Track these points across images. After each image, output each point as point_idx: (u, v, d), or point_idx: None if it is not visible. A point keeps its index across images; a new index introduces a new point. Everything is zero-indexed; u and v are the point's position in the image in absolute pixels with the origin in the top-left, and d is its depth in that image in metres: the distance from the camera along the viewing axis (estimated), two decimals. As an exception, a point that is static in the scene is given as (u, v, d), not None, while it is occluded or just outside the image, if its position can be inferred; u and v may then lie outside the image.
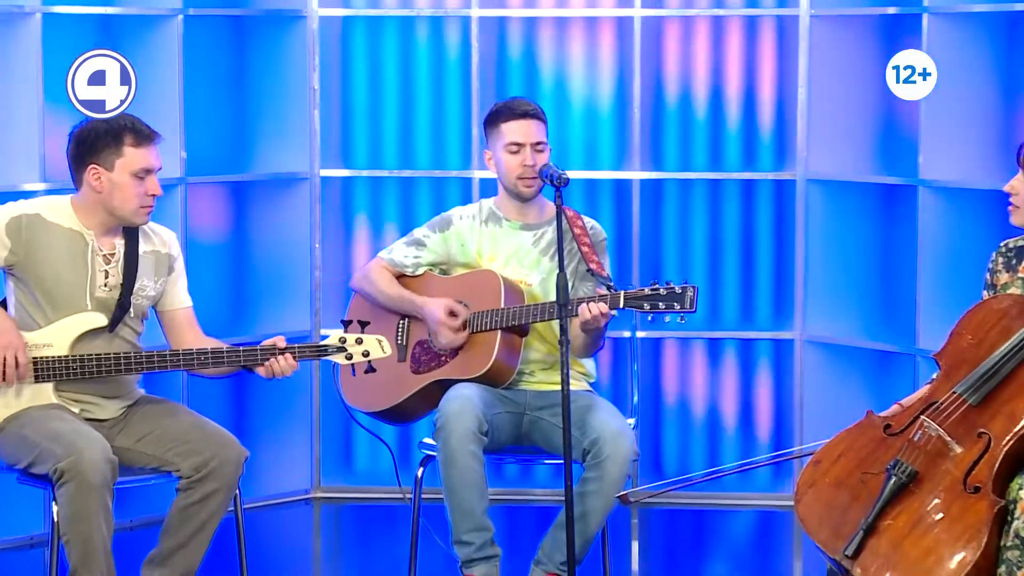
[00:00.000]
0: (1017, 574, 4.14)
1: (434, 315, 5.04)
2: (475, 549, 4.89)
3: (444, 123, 6.48)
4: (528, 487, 6.43)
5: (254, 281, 6.44)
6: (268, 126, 6.41)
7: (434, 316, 5.04)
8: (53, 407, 4.70)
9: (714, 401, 6.48)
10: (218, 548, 4.82)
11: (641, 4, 6.28)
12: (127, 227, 4.78)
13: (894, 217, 6.20)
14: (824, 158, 6.27)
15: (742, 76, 6.40)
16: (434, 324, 5.05)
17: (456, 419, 4.83)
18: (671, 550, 6.00)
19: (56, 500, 4.54)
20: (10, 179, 5.71)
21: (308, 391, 6.43)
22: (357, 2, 6.44)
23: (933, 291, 5.95)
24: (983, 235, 5.73)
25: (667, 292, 4.81)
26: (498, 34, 6.40)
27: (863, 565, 4.23)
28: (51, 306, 4.73)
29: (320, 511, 6.38)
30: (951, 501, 4.21)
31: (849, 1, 6.22)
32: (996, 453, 4.21)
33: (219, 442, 4.73)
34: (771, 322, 6.46)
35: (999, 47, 5.90)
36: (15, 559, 5.70)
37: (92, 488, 4.50)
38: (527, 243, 5.13)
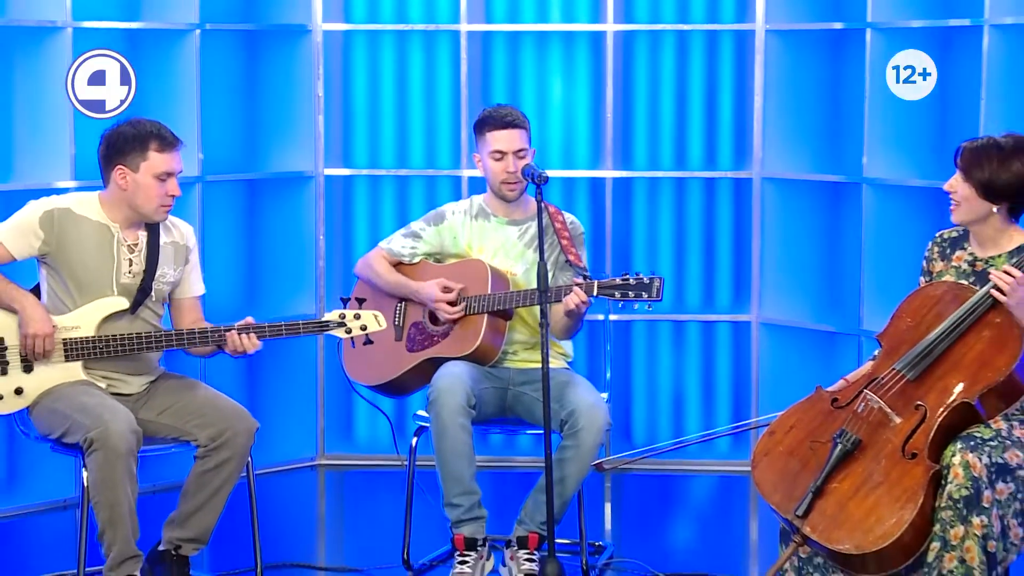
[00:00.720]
0: (950, 532, 4.15)
1: (430, 294, 5.03)
2: (464, 511, 4.89)
3: (436, 127, 6.47)
4: (511, 455, 6.42)
5: (265, 268, 6.43)
6: (277, 129, 6.39)
7: (430, 295, 5.03)
8: (82, 383, 4.70)
9: (679, 377, 6.48)
10: (232, 510, 4.80)
11: (613, 20, 6.28)
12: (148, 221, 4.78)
13: (840, 212, 6.20)
14: (778, 158, 6.28)
15: (704, 84, 6.40)
16: (431, 302, 5.04)
17: (447, 393, 4.83)
18: (640, 511, 6.00)
19: (86, 467, 4.53)
20: (45, 177, 5.70)
21: (313, 368, 6.43)
22: (357, 18, 6.43)
23: (875, 278, 5.97)
24: (920, 227, 5.74)
25: (636, 282, 4.81)
26: (484, 47, 6.39)
27: (812, 524, 4.23)
28: (79, 291, 4.72)
29: (324, 477, 6.37)
30: (891, 466, 4.22)
31: (800, 17, 6.22)
32: (931, 423, 4.21)
33: (233, 415, 4.73)
34: (730, 306, 6.46)
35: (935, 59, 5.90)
36: (49, 520, 5.69)
37: (119, 456, 4.49)
38: (513, 237, 5.12)
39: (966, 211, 4.40)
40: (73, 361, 4.69)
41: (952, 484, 4.15)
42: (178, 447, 4.78)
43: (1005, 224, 4.41)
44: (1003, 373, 4.20)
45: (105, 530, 4.54)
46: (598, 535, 5.46)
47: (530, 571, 4.83)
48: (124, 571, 4.56)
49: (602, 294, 4.82)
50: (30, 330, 4.63)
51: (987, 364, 4.23)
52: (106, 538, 4.55)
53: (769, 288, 6.33)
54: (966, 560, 4.14)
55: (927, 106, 5.93)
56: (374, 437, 6.49)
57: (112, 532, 4.54)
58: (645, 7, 6.37)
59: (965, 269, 4.48)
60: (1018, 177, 4.34)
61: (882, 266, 5.95)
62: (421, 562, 5.14)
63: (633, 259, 6.39)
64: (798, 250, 6.32)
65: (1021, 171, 4.33)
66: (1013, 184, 4.34)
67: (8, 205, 5.27)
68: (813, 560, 4.42)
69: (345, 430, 6.54)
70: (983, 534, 4.14)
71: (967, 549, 4.14)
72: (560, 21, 6.39)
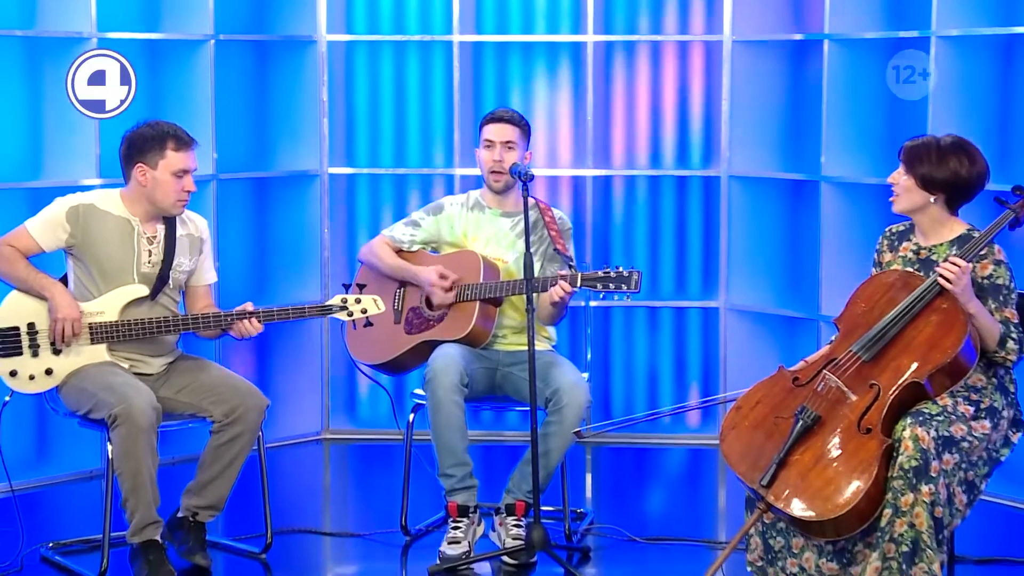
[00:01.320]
0: (901, 499, 4.16)
1: (428, 278, 5.03)
2: (457, 480, 4.89)
3: (431, 129, 6.46)
4: (500, 429, 6.42)
5: (274, 258, 6.42)
6: (285, 131, 6.38)
7: (428, 279, 5.03)
8: (107, 364, 4.70)
9: (653, 358, 6.48)
10: (244, 481, 4.82)
11: (593, 31, 6.27)
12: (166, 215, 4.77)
13: (800, 207, 6.20)
14: (743, 158, 6.28)
15: (676, 90, 6.40)
16: (427, 286, 5.04)
17: (442, 373, 4.83)
18: (618, 480, 6.01)
19: (110, 441, 4.54)
20: (71, 175, 5.68)
21: (319, 350, 6.42)
22: (359, 29, 6.42)
23: (832, 267, 5.97)
24: (872, 222, 5.73)
25: (617, 275, 4.80)
26: (475, 56, 6.38)
27: (775, 492, 4.24)
28: (103, 280, 4.72)
29: (329, 450, 6.37)
30: (847, 440, 4.22)
31: (763, 29, 6.22)
32: (884, 400, 4.22)
33: (245, 392, 4.73)
34: (700, 293, 6.46)
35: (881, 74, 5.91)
36: (77, 489, 5.69)
37: (140, 431, 4.50)
38: (505, 228, 5.12)
39: (906, 200, 4.42)
40: (98, 344, 4.70)
41: (903, 456, 4.16)
42: (195, 422, 4.79)
43: (944, 215, 4.42)
44: (950, 355, 4.21)
45: (128, 498, 4.55)
46: (579, 503, 5.47)
47: (517, 536, 4.83)
48: (146, 536, 4.58)
49: (585, 285, 4.83)
50: (59, 315, 4.63)
51: (936, 346, 4.24)
52: (129, 506, 4.56)
53: (736, 277, 6.33)
54: (915, 525, 4.15)
55: (879, 110, 5.94)
56: (375, 413, 6.49)
57: (135, 500, 4.55)
58: (622, 20, 6.36)
59: (911, 258, 4.49)
60: (953, 173, 4.37)
61: (838, 256, 5.95)
62: (418, 528, 5.14)
63: (612, 250, 6.39)
64: (762, 242, 6.32)
65: (956, 168, 4.36)
66: (949, 179, 4.37)
67: (38, 201, 5.27)
68: (776, 525, 4.43)
69: (348, 407, 6.54)
70: (931, 501, 4.14)
71: (916, 515, 4.15)
72: (544, 32, 6.38)
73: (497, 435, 6.39)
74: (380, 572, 4.89)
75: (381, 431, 6.39)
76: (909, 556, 4.16)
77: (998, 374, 4.37)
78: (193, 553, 4.71)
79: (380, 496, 5.65)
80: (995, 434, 4.30)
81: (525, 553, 4.75)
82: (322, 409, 6.47)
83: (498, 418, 6.41)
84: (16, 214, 5.18)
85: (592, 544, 5.02)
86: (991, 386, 4.35)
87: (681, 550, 4.97)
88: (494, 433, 6.39)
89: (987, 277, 4.34)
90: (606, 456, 6.24)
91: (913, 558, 4.16)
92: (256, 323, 4.71)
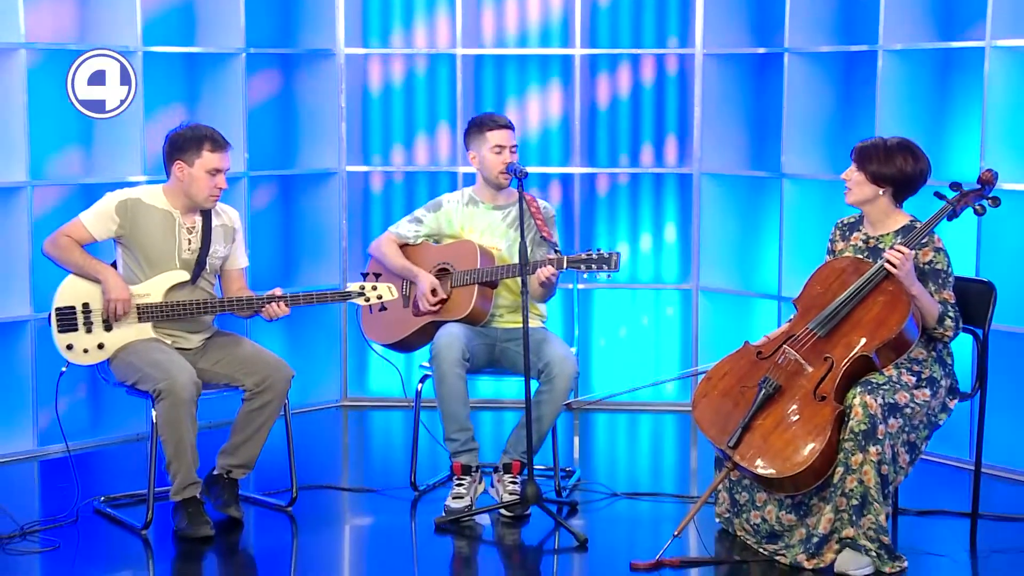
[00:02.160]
0: (851, 459, 4.17)
1: (421, 288, 5.02)
2: (460, 444, 4.90)
3: (436, 132, 6.45)
4: (498, 398, 6.42)
5: (298, 246, 6.42)
6: (308, 133, 6.37)
7: (421, 289, 5.02)
8: (152, 340, 4.70)
9: (634, 334, 6.49)
10: (272, 442, 4.82)
11: (580, 45, 6.27)
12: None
13: (764, 200, 6.20)
14: (713, 157, 6.27)
15: (654, 97, 6.39)
16: (419, 293, 5.02)
17: (446, 349, 4.83)
18: (603, 443, 6.02)
19: (155, 411, 4.54)
20: (120, 173, 5.69)
21: (338, 328, 6.42)
22: (373, 44, 6.41)
23: (791, 254, 5.97)
24: (826, 214, 5.72)
25: (599, 256, 4.79)
26: (476, 67, 6.37)
27: (741, 453, 4.26)
28: (148, 266, 4.72)
29: (347, 416, 6.37)
30: (804, 407, 4.24)
31: (731, 44, 6.21)
32: (837, 371, 4.24)
33: (273, 364, 4.73)
34: (676, 277, 6.46)
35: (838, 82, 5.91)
36: (126, 450, 5.69)
37: (182, 403, 4.50)
38: (497, 220, 5.11)
39: (857, 193, 4.43)
40: (145, 322, 4.70)
41: (853, 420, 4.18)
42: (229, 391, 4.79)
43: (890, 207, 4.44)
44: (895, 331, 4.23)
45: (171, 462, 4.56)
46: (568, 462, 5.46)
47: (513, 491, 4.83)
48: (186, 493, 4.59)
49: (571, 266, 4.82)
50: (111, 296, 4.63)
51: (883, 324, 4.26)
52: (172, 468, 4.57)
53: (707, 262, 6.33)
54: (864, 481, 4.17)
55: (833, 116, 5.94)
56: (387, 384, 6.49)
57: (177, 463, 4.56)
58: (606, 35, 6.36)
59: (860, 246, 4.50)
60: (899, 170, 4.39)
61: (796, 244, 5.96)
62: (426, 484, 5.14)
63: (596, 239, 6.39)
64: (730, 231, 6.32)
65: (902, 166, 4.38)
66: (895, 175, 4.39)
67: (90, 196, 5.27)
68: (742, 482, 4.45)
69: (363, 378, 6.54)
70: (878, 460, 4.16)
71: (865, 472, 4.17)
72: (537, 46, 6.37)
73: (495, 403, 6.39)
74: (392, 523, 4.88)
75: (392, 399, 6.39)
76: (859, 508, 4.18)
77: (937, 348, 4.39)
78: (228, 506, 4.72)
79: (392, 457, 5.66)
80: (934, 401, 4.32)
81: (520, 506, 4.75)
82: (341, 380, 6.47)
83: (496, 388, 6.41)
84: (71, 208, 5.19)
85: (579, 499, 5.02)
86: (931, 359, 4.36)
87: (658, 504, 4.98)
88: (493, 401, 6.39)
89: (928, 263, 4.36)
90: (592, 421, 6.25)
91: (862, 510, 4.18)
92: (284, 306, 4.71)
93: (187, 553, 4.49)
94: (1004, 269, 5.24)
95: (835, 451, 4.18)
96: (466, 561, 4.58)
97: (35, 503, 5.06)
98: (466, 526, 4.74)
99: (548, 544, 4.66)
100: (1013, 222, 5.29)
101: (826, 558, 4.22)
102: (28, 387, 5.49)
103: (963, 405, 4.70)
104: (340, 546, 4.76)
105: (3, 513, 4.71)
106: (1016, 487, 5.20)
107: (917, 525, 4.70)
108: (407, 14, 6.40)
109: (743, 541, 4.45)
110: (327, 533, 4.79)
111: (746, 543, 4.43)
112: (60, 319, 4.66)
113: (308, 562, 4.53)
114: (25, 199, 5.43)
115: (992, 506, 4.81)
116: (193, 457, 4.57)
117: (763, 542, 4.39)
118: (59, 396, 4.86)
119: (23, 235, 5.43)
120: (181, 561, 4.46)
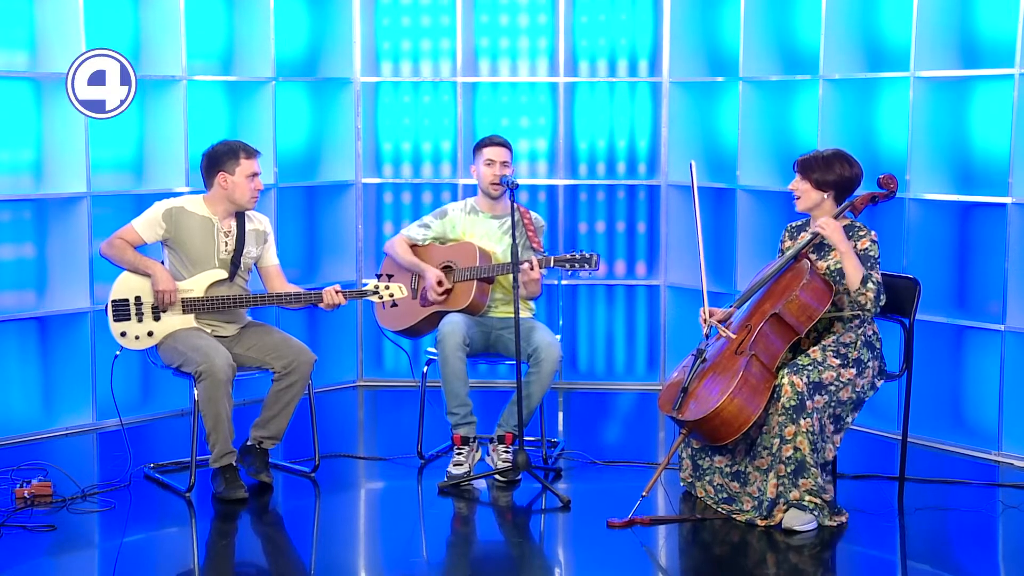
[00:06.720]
0: (785, 431, 4.22)
1: (429, 280, 5.04)
2: (460, 418, 4.91)
3: (440, 148, 6.46)
4: (493, 379, 6.44)
5: (319, 248, 6.42)
6: (328, 149, 6.38)
7: (429, 281, 5.04)
8: (194, 329, 4.71)
9: (611, 324, 6.50)
10: (298, 417, 4.84)
11: (564, 74, 6.29)
12: (239, 212, 4.78)
13: (722, 208, 6.21)
14: (679, 171, 6.28)
15: (627, 119, 6.40)
16: (428, 285, 5.05)
17: (449, 335, 4.85)
18: (584, 418, 6.03)
19: (197, 390, 4.55)
20: (166, 183, 5.70)
21: (354, 318, 6.44)
22: (385, 72, 6.42)
23: (746, 253, 5.99)
24: (776, 220, 5.77)
25: (581, 257, 4.83)
26: (474, 92, 6.39)
27: (682, 412, 4.34)
28: (192, 265, 4.74)
29: (363, 394, 6.38)
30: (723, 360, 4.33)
31: (693, 73, 6.23)
32: (753, 331, 4.31)
33: (299, 350, 4.74)
34: (646, 274, 6.48)
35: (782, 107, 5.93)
36: (171, 424, 5.70)
37: (220, 383, 4.52)
38: (495, 227, 5.13)
39: (805, 200, 4.48)
40: (188, 313, 4.71)
41: (783, 398, 4.23)
42: (260, 373, 4.80)
43: (834, 209, 4.49)
44: (795, 292, 4.29)
45: (210, 434, 4.58)
46: (553, 434, 5.49)
47: (506, 459, 4.85)
48: (224, 461, 4.61)
49: (556, 265, 4.85)
50: (160, 288, 4.65)
51: (787, 288, 4.35)
52: (211, 440, 4.59)
53: (673, 262, 6.35)
54: (800, 448, 4.22)
55: (780, 134, 5.97)
56: (397, 366, 6.50)
57: (215, 436, 4.58)
58: (587, 65, 6.37)
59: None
60: (839, 176, 4.44)
61: (751, 245, 5.97)
62: (430, 453, 5.16)
63: (578, 241, 6.41)
64: (692, 235, 6.30)
65: (840, 172, 4.44)
66: (836, 180, 4.44)
67: (140, 204, 5.29)
68: (705, 449, 4.50)
69: (376, 361, 6.56)
70: (808, 431, 4.21)
71: (799, 442, 4.21)
72: (527, 75, 6.39)
73: (491, 383, 6.39)
74: (401, 487, 4.89)
75: (402, 380, 6.40)
76: (796, 472, 4.23)
77: (866, 334, 4.42)
78: (259, 472, 4.74)
79: (401, 429, 5.67)
80: (860, 380, 4.36)
81: (512, 472, 4.78)
82: (357, 363, 6.48)
83: (491, 370, 6.42)
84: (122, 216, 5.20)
85: (563, 466, 5.04)
86: (859, 342, 4.40)
87: (631, 470, 4.99)
88: (489, 381, 6.40)
89: (864, 250, 4.41)
90: (574, 398, 6.28)
91: (800, 474, 4.23)
92: (341, 298, 4.70)
93: (224, 513, 4.51)
94: (927, 268, 5.29)
95: (754, 410, 4.21)
96: (465, 520, 4.59)
97: (94, 469, 5.08)
98: (465, 489, 4.76)
99: (536, 505, 4.68)
100: (933, 228, 5.34)
101: (776, 518, 4.26)
102: (88, 369, 5.51)
103: (892, 384, 4.74)
104: (356, 507, 4.78)
105: (67, 478, 4.74)
106: (937, 455, 5.24)
107: (853, 487, 4.73)
108: (415, 48, 6.41)
109: (704, 502, 4.48)
110: (345, 496, 4.81)
111: (707, 504, 4.47)
112: (115, 310, 4.68)
113: (329, 520, 4.55)
114: (85, 208, 5.45)
115: (917, 471, 4.85)
116: (229, 430, 4.59)
117: (721, 504, 4.42)
118: (114, 377, 4.88)
119: (83, 239, 5.45)
120: (219, 520, 4.48)
